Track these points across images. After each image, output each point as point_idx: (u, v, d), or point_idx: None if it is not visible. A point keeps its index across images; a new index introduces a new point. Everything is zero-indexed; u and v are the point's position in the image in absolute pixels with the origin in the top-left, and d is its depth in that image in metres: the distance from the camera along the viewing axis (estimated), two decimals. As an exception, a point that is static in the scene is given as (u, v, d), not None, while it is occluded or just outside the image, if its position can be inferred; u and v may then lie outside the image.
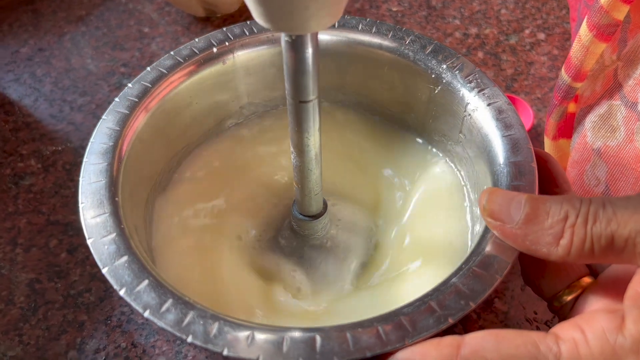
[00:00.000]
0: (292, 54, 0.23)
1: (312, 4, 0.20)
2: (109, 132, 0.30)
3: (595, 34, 0.32)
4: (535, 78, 0.49)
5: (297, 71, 0.24)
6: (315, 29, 0.22)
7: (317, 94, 0.25)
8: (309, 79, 0.24)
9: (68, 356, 0.35)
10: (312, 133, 0.26)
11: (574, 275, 0.27)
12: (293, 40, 0.22)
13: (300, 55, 0.23)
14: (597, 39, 0.32)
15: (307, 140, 0.26)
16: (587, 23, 0.32)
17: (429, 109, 0.35)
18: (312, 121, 0.26)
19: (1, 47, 0.52)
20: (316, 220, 0.31)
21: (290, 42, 0.23)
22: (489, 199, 0.24)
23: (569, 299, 0.27)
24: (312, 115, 0.25)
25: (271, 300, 0.31)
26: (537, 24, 0.53)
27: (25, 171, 0.43)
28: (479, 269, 0.25)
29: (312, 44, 0.23)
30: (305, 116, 0.25)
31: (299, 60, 0.23)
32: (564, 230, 0.22)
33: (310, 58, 0.23)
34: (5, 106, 0.48)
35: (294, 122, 0.26)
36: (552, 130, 0.38)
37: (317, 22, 0.21)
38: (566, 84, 0.35)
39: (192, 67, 0.33)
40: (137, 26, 0.54)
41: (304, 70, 0.23)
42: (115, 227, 0.27)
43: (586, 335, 0.22)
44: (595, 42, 0.32)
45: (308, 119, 0.25)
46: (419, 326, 0.23)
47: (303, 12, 0.20)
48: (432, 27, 0.53)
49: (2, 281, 0.38)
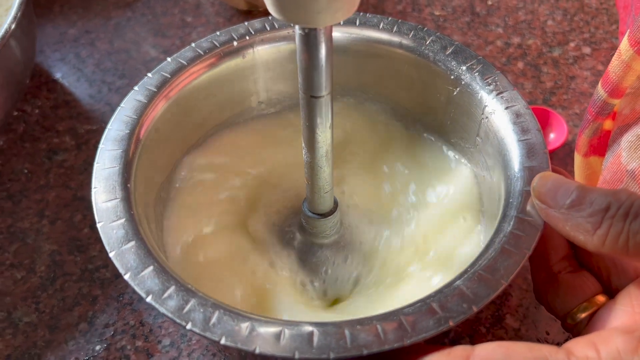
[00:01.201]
0: (305, 47, 0.23)
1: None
2: (126, 120, 0.31)
3: (637, 49, 0.31)
4: (575, 93, 0.47)
5: (310, 66, 0.23)
6: (328, 23, 0.21)
7: (330, 90, 0.25)
8: (321, 74, 0.24)
9: (79, 328, 0.36)
10: (323, 129, 0.26)
11: (588, 292, 0.26)
12: (306, 33, 0.22)
13: (313, 50, 0.23)
14: (639, 55, 0.31)
15: (318, 137, 0.26)
16: (629, 38, 0.31)
17: (448, 111, 0.34)
18: (324, 117, 0.26)
19: (52, 27, 0.54)
20: (325, 218, 0.31)
21: (303, 36, 0.23)
22: (540, 182, 0.25)
23: (582, 316, 0.26)
24: (324, 111, 0.25)
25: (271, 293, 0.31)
26: (584, 38, 0.51)
27: (59, 147, 0.45)
28: (485, 273, 0.24)
29: (325, 38, 0.23)
30: (316, 112, 0.25)
31: (311, 55, 0.23)
32: (602, 220, 0.23)
33: (323, 53, 0.23)
34: (49, 84, 0.50)
35: (305, 117, 0.26)
36: (583, 146, 0.36)
37: (329, 15, 0.21)
38: (602, 99, 0.33)
39: (212, 59, 0.34)
40: (180, 15, 0.55)
41: (316, 64, 0.23)
42: (125, 212, 0.27)
43: (600, 354, 0.21)
44: (636, 59, 0.31)
45: (320, 114, 0.25)
46: (419, 327, 0.23)
47: (313, 5, 0.20)
48: (473, 33, 0.52)
49: (26, 250, 0.39)
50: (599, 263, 0.27)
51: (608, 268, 0.27)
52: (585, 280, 0.27)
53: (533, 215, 0.26)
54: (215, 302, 0.24)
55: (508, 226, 0.26)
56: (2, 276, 0.38)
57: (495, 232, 0.26)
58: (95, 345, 0.35)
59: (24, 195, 0.42)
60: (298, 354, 0.22)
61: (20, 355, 0.35)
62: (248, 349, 0.22)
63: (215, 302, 0.24)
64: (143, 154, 0.31)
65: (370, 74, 0.36)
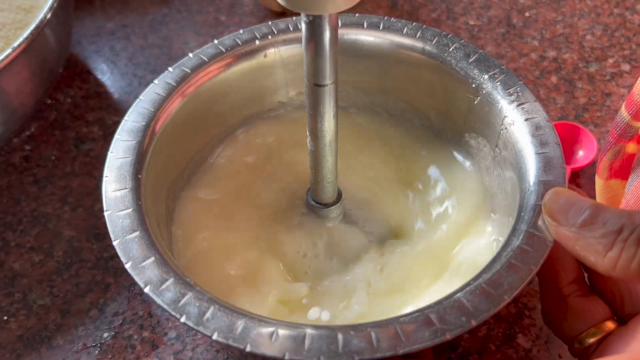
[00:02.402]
0: (310, 35, 0.23)
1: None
2: (143, 112, 0.31)
3: None
4: (609, 110, 0.45)
5: (314, 53, 0.24)
6: (331, 10, 0.22)
7: (335, 80, 0.25)
8: (325, 62, 0.24)
9: (89, 314, 0.36)
10: (327, 118, 0.26)
11: (598, 317, 0.26)
12: (310, 20, 0.22)
13: (317, 37, 0.23)
14: None
15: (322, 125, 0.26)
16: None
17: (468, 119, 0.33)
18: (328, 106, 0.25)
19: (90, 21, 0.56)
20: (328, 208, 0.31)
21: (308, 23, 0.23)
22: (552, 198, 0.24)
23: (591, 341, 0.26)
24: (328, 100, 0.25)
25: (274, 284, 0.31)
26: (624, 54, 0.49)
27: (87, 136, 0.46)
28: (488, 287, 0.23)
29: (330, 26, 0.23)
30: (320, 100, 0.25)
31: (316, 42, 0.23)
32: (614, 242, 0.22)
33: (327, 41, 0.23)
34: (83, 74, 0.51)
35: (309, 105, 0.26)
36: (604, 169, 0.35)
37: (332, 3, 0.21)
38: (625, 122, 0.32)
39: (233, 57, 0.34)
40: (215, 13, 0.55)
41: (320, 52, 0.23)
42: (133, 202, 0.27)
43: None
44: None
45: (323, 103, 0.25)
46: (413, 337, 0.22)
47: None
48: (507, 45, 0.51)
49: (46, 234, 0.40)
50: (612, 288, 0.26)
51: (622, 293, 0.26)
52: (595, 305, 0.26)
53: (543, 231, 0.25)
54: (212, 297, 0.24)
55: (517, 240, 0.25)
56: (21, 258, 0.39)
57: (503, 246, 0.25)
58: (103, 332, 0.36)
59: (50, 182, 0.43)
60: (288, 355, 0.22)
61: (32, 336, 0.36)
62: (239, 346, 0.22)
63: (211, 297, 0.24)
64: (157, 147, 0.31)
65: (393, 79, 0.36)
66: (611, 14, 0.53)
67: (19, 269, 0.39)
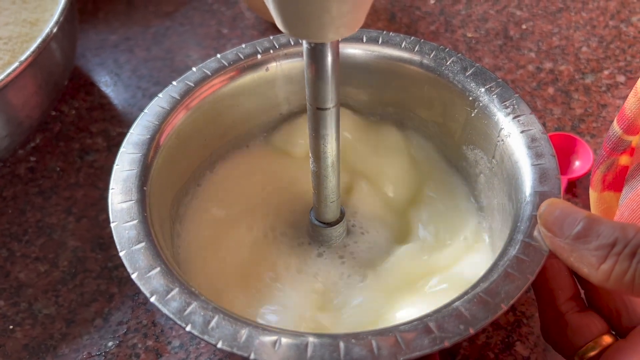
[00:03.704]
0: (312, 61, 0.24)
1: (324, 13, 0.21)
2: (147, 125, 0.32)
3: None
4: (605, 121, 0.46)
5: (316, 78, 0.24)
6: (332, 38, 0.22)
7: (337, 103, 0.25)
8: (327, 86, 0.24)
9: (94, 323, 0.37)
10: (329, 140, 0.27)
11: (595, 331, 0.26)
12: (312, 47, 0.23)
13: (319, 63, 0.24)
14: None
15: (324, 147, 0.27)
16: None
17: (465, 131, 0.34)
18: (330, 128, 0.26)
19: (94, 33, 0.57)
20: (331, 227, 0.31)
21: (310, 50, 0.23)
22: (548, 210, 0.25)
23: (591, 355, 0.26)
24: (330, 123, 0.26)
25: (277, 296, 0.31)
26: (619, 66, 0.50)
27: (91, 148, 0.47)
28: (485, 296, 0.24)
29: (331, 52, 0.23)
30: (322, 123, 0.26)
31: (317, 68, 0.24)
32: (607, 255, 0.22)
33: (329, 66, 0.24)
34: (87, 86, 0.52)
35: (311, 128, 0.26)
36: (598, 182, 0.36)
37: (333, 31, 0.22)
38: (617, 136, 0.33)
39: (235, 71, 0.35)
40: (217, 27, 0.56)
41: (322, 77, 0.24)
42: (138, 214, 0.28)
43: None
44: None
45: (325, 126, 0.26)
46: (413, 345, 0.23)
47: (317, 21, 0.21)
48: (505, 57, 0.51)
49: (51, 244, 0.41)
50: (609, 303, 0.27)
51: (618, 308, 0.26)
52: (592, 320, 0.26)
53: (539, 241, 0.25)
54: (216, 306, 0.24)
55: (513, 250, 0.25)
56: (26, 268, 0.40)
57: (499, 255, 0.26)
58: (108, 341, 0.36)
59: (54, 192, 0.44)
60: (290, 364, 0.22)
61: (37, 346, 0.36)
62: (243, 354, 0.23)
63: (216, 307, 0.24)
64: (162, 159, 0.32)
65: (390, 92, 0.36)
66: (606, 26, 0.54)
67: (24, 279, 0.39)
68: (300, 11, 0.21)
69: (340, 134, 0.28)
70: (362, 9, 0.22)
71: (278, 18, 0.22)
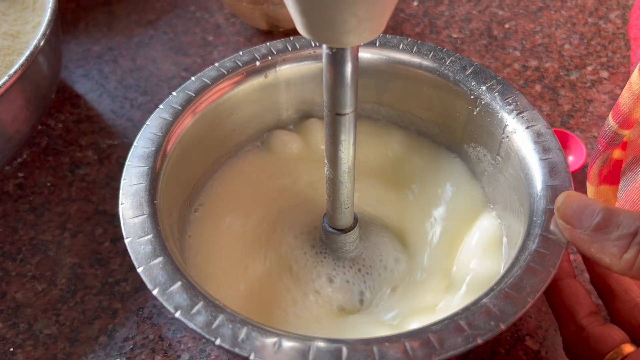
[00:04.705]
0: (332, 66, 0.23)
1: (351, 17, 0.21)
2: (152, 137, 0.31)
3: None
4: (593, 116, 0.47)
5: (336, 84, 0.24)
6: (354, 43, 0.22)
7: (354, 108, 0.25)
8: (346, 92, 0.24)
9: (98, 341, 0.36)
10: (347, 146, 0.26)
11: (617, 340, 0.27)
12: (333, 52, 0.23)
13: (339, 68, 0.23)
14: None
15: (341, 153, 0.27)
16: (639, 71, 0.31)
17: (467, 130, 0.34)
18: (347, 134, 0.26)
19: (76, 44, 0.55)
20: (345, 234, 0.31)
21: (330, 55, 0.23)
22: (565, 202, 0.25)
23: None
24: (348, 129, 0.26)
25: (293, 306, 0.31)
26: (601, 62, 0.51)
27: (82, 161, 0.46)
28: (511, 291, 0.24)
29: (351, 57, 0.23)
30: (340, 129, 0.26)
31: (337, 73, 0.24)
32: (630, 245, 0.22)
33: (349, 72, 0.24)
34: (72, 99, 0.50)
35: (329, 133, 0.26)
36: (595, 176, 0.36)
37: (357, 36, 0.21)
38: (612, 130, 0.34)
39: (235, 79, 0.35)
40: (202, 34, 0.56)
41: (342, 83, 0.24)
42: (152, 228, 0.28)
43: None
44: None
45: (343, 131, 0.26)
46: (447, 344, 0.23)
47: (342, 26, 0.21)
48: (491, 56, 0.52)
49: (47, 262, 0.40)
50: (630, 319, 0.27)
51: (638, 319, 0.27)
52: (613, 330, 0.27)
53: (557, 234, 0.26)
54: (244, 318, 0.24)
55: (533, 244, 0.26)
56: (23, 288, 0.39)
57: (519, 250, 0.26)
58: (114, 358, 0.35)
59: (47, 208, 0.43)
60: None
61: (40, 367, 0.35)
62: None
63: (243, 318, 0.24)
64: (168, 171, 0.31)
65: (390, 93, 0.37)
66: (586, 23, 0.55)
67: (21, 299, 0.38)
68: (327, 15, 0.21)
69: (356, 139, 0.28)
70: (387, 12, 0.22)
71: (301, 22, 0.22)
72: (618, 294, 0.28)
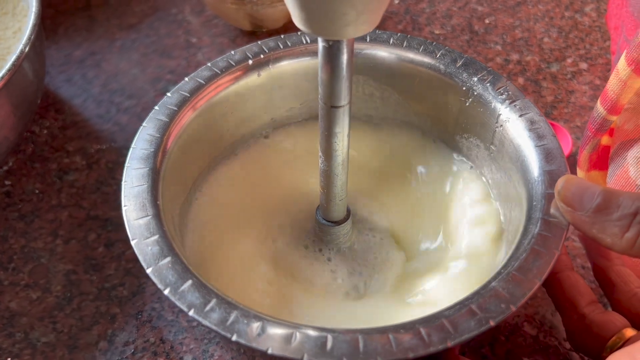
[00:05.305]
0: (328, 59, 0.24)
1: (350, 10, 0.21)
2: (149, 139, 0.31)
3: (634, 68, 0.32)
4: (575, 106, 0.48)
5: (332, 77, 0.24)
6: (352, 35, 0.22)
7: (349, 100, 0.26)
8: (342, 84, 0.25)
9: (98, 346, 0.36)
10: (341, 138, 0.27)
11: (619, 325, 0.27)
12: (330, 45, 0.23)
13: (335, 61, 0.24)
14: (636, 73, 0.32)
15: (336, 145, 0.27)
16: (626, 57, 0.32)
17: (459, 121, 0.35)
18: (342, 126, 0.26)
19: (56, 50, 0.55)
20: (339, 226, 0.31)
21: (327, 48, 0.23)
22: (565, 186, 0.26)
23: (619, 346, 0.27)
24: (342, 121, 0.26)
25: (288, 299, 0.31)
26: (580, 54, 0.53)
27: (70, 167, 0.45)
28: (518, 274, 0.25)
29: (347, 50, 0.24)
30: (335, 121, 0.26)
31: (334, 66, 0.24)
32: (630, 224, 0.23)
33: (345, 64, 0.24)
34: (56, 105, 0.50)
35: (324, 126, 0.26)
36: (585, 162, 0.37)
37: (354, 28, 0.22)
38: (601, 116, 0.35)
39: (228, 78, 0.35)
40: (185, 36, 0.55)
41: (338, 75, 0.24)
42: (158, 229, 0.27)
43: None
44: (633, 77, 0.32)
45: (338, 123, 0.26)
46: (461, 328, 0.23)
47: (342, 18, 0.21)
48: (473, 51, 0.53)
49: (40, 270, 0.39)
50: (630, 307, 0.28)
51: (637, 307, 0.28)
52: (614, 316, 0.28)
53: (558, 217, 0.26)
54: (257, 313, 0.24)
55: (535, 228, 0.26)
56: (17, 297, 0.38)
57: (522, 234, 0.27)
58: (115, 363, 0.35)
59: (36, 216, 0.42)
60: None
61: (40, 376, 0.35)
62: (296, 357, 0.22)
63: (257, 314, 0.24)
64: (168, 171, 0.31)
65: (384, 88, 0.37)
66: (563, 17, 0.56)
67: (16, 308, 0.37)
68: (327, 8, 0.22)
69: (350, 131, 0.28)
70: (384, 4, 0.23)
71: (299, 16, 0.22)
72: (618, 285, 0.29)
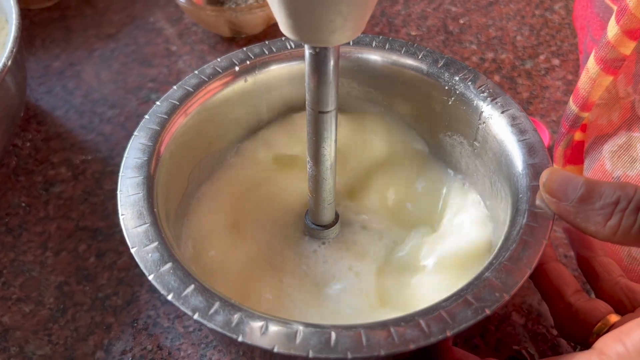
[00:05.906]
0: (315, 66, 0.24)
1: (337, 17, 0.22)
2: (142, 147, 0.31)
3: (602, 67, 0.33)
4: (550, 101, 0.50)
5: (319, 83, 0.25)
6: (339, 42, 0.23)
7: (336, 105, 0.26)
8: (329, 90, 0.25)
9: (96, 356, 0.36)
10: (329, 143, 0.27)
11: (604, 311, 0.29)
12: (317, 52, 0.24)
13: (322, 67, 0.24)
14: (604, 72, 0.33)
15: (324, 150, 0.28)
16: (595, 57, 0.34)
17: (443, 119, 0.36)
18: (330, 131, 0.27)
19: (34, 62, 0.54)
20: (327, 230, 0.32)
21: (313, 55, 0.24)
22: (549, 178, 0.27)
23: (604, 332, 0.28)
24: (330, 126, 0.27)
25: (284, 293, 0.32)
26: (552, 51, 0.54)
27: (55, 179, 0.45)
28: (510, 263, 0.26)
29: (334, 56, 0.24)
30: (323, 126, 0.27)
31: (321, 73, 0.25)
32: (612, 213, 0.24)
33: (331, 70, 0.25)
34: (37, 117, 0.49)
35: (312, 131, 0.27)
36: (560, 157, 0.39)
37: (341, 35, 0.23)
38: (574, 113, 0.36)
39: (216, 84, 0.35)
40: (164, 44, 0.56)
41: (325, 81, 0.25)
42: (156, 236, 0.28)
43: (626, 346, 0.23)
44: (602, 75, 0.34)
45: (326, 128, 0.27)
46: (458, 318, 0.24)
47: (328, 25, 0.22)
48: (449, 51, 0.54)
49: (32, 283, 0.39)
50: (613, 295, 0.29)
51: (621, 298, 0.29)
52: (599, 303, 0.29)
53: (543, 208, 0.28)
54: (261, 313, 0.24)
55: (522, 219, 0.27)
56: (9, 311, 0.38)
57: (510, 225, 0.28)
58: (114, 372, 0.35)
59: (24, 229, 0.42)
60: (350, 354, 0.23)
61: (37, 389, 0.34)
62: (302, 354, 0.23)
63: (260, 314, 0.24)
64: (161, 179, 0.31)
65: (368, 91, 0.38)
66: (534, 15, 0.58)
67: (9, 322, 0.37)
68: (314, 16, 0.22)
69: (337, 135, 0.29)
70: (370, 10, 0.23)
71: (287, 24, 0.23)
72: (601, 275, 0.30)
